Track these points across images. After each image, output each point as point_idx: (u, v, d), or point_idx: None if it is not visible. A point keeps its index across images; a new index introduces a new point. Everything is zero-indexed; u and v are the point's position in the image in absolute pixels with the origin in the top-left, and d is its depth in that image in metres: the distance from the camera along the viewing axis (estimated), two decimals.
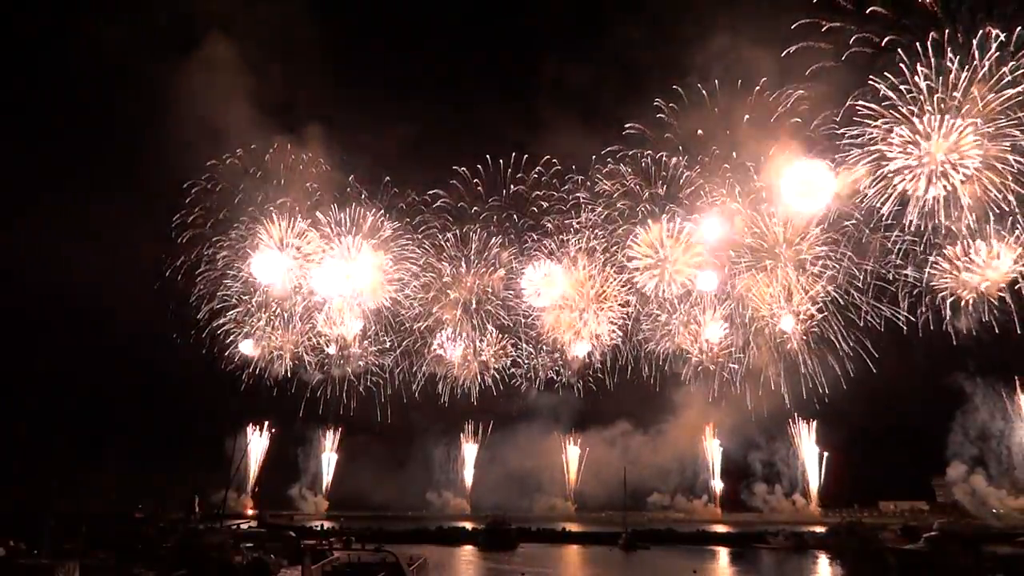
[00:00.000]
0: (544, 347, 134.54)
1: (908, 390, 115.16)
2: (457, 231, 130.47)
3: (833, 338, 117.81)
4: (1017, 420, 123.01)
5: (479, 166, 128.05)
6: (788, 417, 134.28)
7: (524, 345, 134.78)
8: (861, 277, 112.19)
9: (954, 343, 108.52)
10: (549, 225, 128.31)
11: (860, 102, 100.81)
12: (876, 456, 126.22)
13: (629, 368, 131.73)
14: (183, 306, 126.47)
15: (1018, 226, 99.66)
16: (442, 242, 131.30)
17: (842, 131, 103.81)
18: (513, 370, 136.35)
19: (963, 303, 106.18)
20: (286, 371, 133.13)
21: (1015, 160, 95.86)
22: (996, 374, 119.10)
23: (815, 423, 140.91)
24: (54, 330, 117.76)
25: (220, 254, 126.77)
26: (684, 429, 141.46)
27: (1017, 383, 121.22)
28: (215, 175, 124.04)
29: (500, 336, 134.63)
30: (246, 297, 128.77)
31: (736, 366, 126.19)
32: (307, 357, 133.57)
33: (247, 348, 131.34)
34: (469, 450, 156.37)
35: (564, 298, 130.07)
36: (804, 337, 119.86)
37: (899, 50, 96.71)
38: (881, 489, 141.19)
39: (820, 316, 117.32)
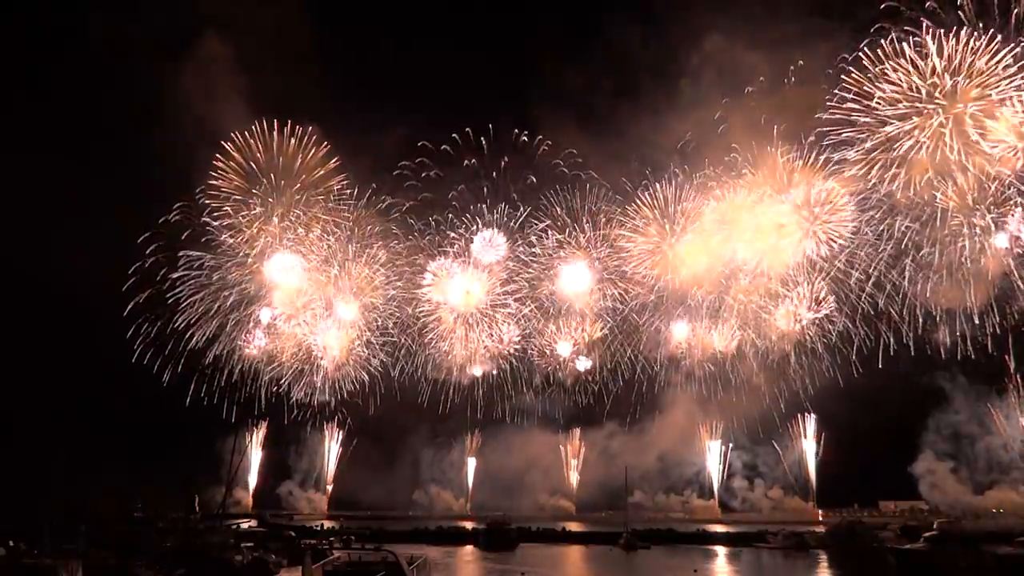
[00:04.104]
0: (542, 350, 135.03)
1: (896, 392, 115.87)
2: (457, 230, 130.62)
3: (823, 342, 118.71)
4: (991, 425, 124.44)
5: (478, 166, 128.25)
6: (776, 417, 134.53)
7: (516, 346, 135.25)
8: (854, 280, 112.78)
9: (938, 348, 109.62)
10: (550, 234, 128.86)
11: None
12: (869, 456, 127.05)
13: (621, 371, 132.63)
14: (181, 306, 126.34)
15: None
16: (442, 241, 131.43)
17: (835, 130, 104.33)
18: (507, 369, 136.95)
19: (947, 310, 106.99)
20: (281, 372, 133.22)
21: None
22: (978, 378, 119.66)
23: (807, 423, 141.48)
24: (51, 332, 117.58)
25: (216, 256, 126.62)
26: (670, 430, 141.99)
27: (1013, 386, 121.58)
28: (211, 176, 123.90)
29: (496, 336, 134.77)
30: (231, 294, 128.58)
31: (721, 369, 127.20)
32: (301, 357, 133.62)
33: (243, 348, 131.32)
34: (461, 450, 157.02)
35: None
36: (799, 338, 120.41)
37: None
38: (878, 489, 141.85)
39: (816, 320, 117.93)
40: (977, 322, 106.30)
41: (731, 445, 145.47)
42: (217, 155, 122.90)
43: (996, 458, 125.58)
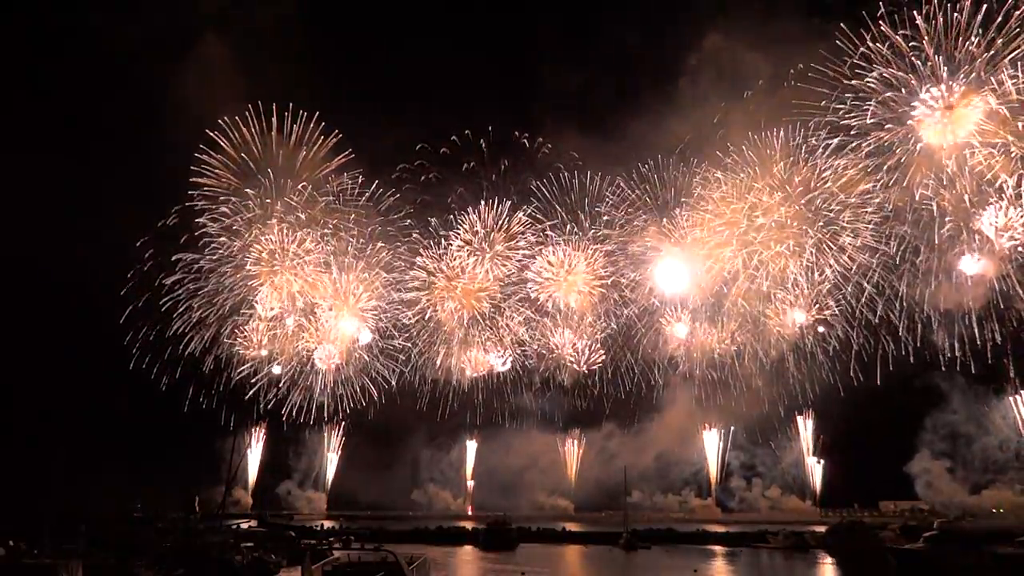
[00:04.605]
0: (541, 350, 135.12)
1: (894, 392, 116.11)
2: (455, 231, 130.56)
3: (822, 346, 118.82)
4: (988, 425, 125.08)
5: (477, 168, 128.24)
6: (774, 418, 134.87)
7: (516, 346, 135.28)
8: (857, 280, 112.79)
9: (936, 351, 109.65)
10: (549, 232, 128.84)
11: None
12: (867, 456, 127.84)
13: (620, 372, 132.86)
14: (178, 311, 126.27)
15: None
16: (441, 240, 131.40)
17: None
18: (507, 370, 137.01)
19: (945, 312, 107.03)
20: (281, 374, 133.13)
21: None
22: (976, 379, 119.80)
23: (806, 423, 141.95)
24: (51, 332, 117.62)
25: (213, 257, 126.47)
26: (669, 430, 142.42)
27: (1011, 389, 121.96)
28: (208, 177, 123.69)
29: (495, 336, 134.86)
30: (229, 297, 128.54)
31: (720, 371, 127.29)
32: (301, 358, 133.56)
33: (241, 349, 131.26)
34: (459, 450, 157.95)
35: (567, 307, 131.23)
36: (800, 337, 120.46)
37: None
38: (877, 489, 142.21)
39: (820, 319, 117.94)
40: (975, 325, 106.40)
41: (729, 445, 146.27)
42: (214, 156, 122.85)
43: (992, 458, 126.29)
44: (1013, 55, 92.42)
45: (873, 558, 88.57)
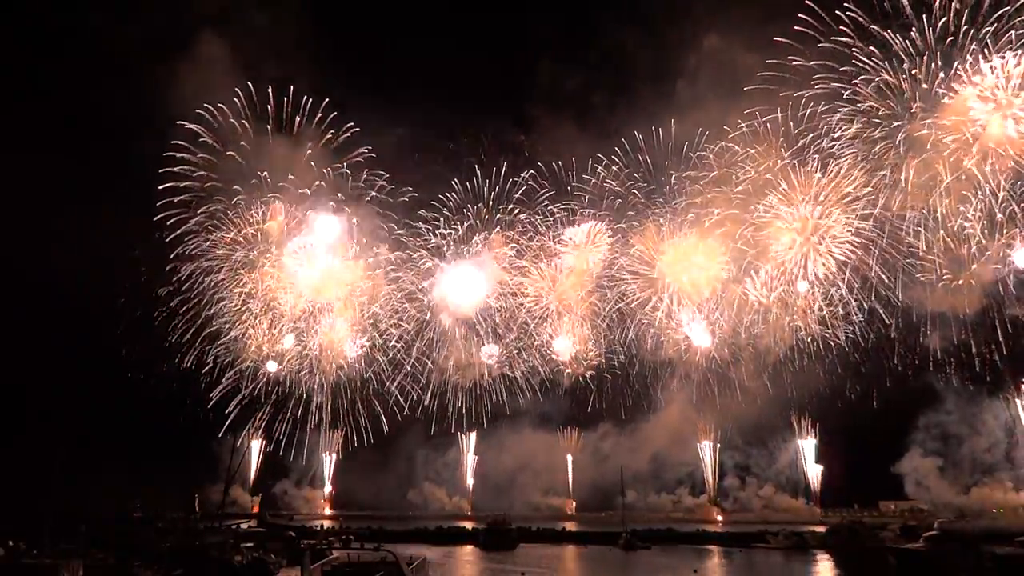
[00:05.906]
0: (538, 351, 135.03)
1: (891, 392, 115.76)
2: (453, 232, 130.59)
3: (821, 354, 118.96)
4: (980, 426, 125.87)
5: (474, 167, 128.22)
6: (770, 418, 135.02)
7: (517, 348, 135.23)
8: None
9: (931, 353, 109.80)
10: (544, 228, 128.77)
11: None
12: (863, 456, 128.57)
13: (617, 372, 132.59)
14: (174, 307, 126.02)
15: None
16: (439, 242, 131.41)
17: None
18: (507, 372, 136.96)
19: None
20: (280, 374, 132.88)
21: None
22: (970, 380, 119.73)
23: (802, 423, 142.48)
24: (51, 333, 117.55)
25: (210, 256, 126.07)
26: (664, 430, 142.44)
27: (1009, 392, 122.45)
28: (206, 175, 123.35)
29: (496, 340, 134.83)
30: (229, 296, 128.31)
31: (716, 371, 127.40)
32: (297, 358, 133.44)
33: (239, 350, 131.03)
34: (456, 450, 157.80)
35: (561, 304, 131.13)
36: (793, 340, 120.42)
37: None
38: (872, 489, 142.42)
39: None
40: (970, 328, 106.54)
41: (724, 445, 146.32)
42: (210, 157, 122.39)
43: (981, 459, 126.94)
44: (1014, 67, 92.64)
45: (873, 558, 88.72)
